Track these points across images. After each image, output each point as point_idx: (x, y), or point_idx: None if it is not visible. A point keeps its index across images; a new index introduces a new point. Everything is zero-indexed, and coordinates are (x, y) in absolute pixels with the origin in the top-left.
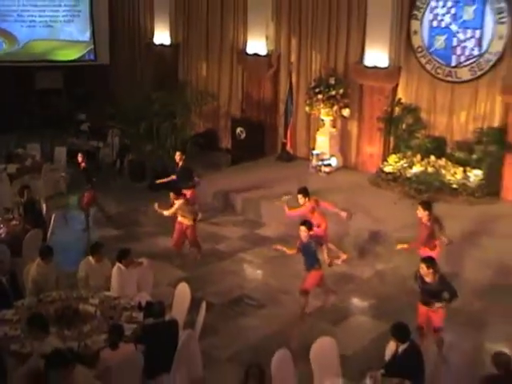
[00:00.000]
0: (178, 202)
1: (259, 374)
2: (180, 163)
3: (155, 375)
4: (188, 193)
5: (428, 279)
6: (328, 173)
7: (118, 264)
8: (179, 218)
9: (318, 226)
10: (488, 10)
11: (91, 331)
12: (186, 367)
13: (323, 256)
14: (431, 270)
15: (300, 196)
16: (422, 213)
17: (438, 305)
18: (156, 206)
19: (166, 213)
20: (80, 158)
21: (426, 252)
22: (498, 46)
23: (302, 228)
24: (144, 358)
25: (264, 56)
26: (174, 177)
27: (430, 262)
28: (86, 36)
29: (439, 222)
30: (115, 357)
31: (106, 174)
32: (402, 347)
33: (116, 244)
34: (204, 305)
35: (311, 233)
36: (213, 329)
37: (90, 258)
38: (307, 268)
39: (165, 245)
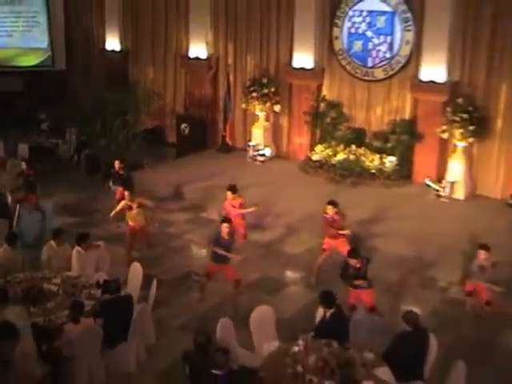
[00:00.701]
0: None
1: (206, 340)
2: (120, 172)
3: (114, 344)
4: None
5: (358, 265)
6: (263, 161)
7: (77, 247)
8: (130, 223)
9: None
10: (397, 19)
11: (55, 308)
12: (141, 336)
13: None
14: (359, 259)
15: (229, 193)
16: (331, 211)
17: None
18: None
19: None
20: (24, 166)
21: (332, 243)
22: (406, 50)
23: (225, 225)
24: (103, 330)
25: (204, 59)
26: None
27: (355, 253)
28: (45, 44)
29: (343, 214)
30: (77, 330)
31: (65, 168)
32: (329, 312)
33: (76, 229)
34: (155, 281)
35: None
36: (164, 302)
37: (52, 242)
38: (225, 261)
39: (119, 229)
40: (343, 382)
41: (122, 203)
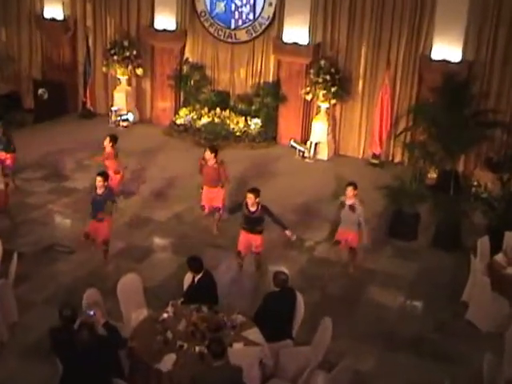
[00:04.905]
0: None
1: (72, 313)
2: None
3: None
4: (8, 156)
5: (253, 209)
6: (126, 127)
7: None
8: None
9: (116, 173)
10: None
11: None
12: (2, 313)
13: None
14: (257, 200)
15: (107, 140)
16: (209, 155)
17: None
18: None
19: None
20: None
21: (212, 192)
22: (269, 12)
23: (99, 178)
24: None
25: (61, 21)
26: None
27: (257, 191)
28: None
29: (224, 165)
30: None
31: None
32: (197, 277)
33: None
34: (15, 255)
35: (106, 184)
36: (26, 276)
37: None
38: (97, 217)
39: None
40: (213, 346)
41: None
